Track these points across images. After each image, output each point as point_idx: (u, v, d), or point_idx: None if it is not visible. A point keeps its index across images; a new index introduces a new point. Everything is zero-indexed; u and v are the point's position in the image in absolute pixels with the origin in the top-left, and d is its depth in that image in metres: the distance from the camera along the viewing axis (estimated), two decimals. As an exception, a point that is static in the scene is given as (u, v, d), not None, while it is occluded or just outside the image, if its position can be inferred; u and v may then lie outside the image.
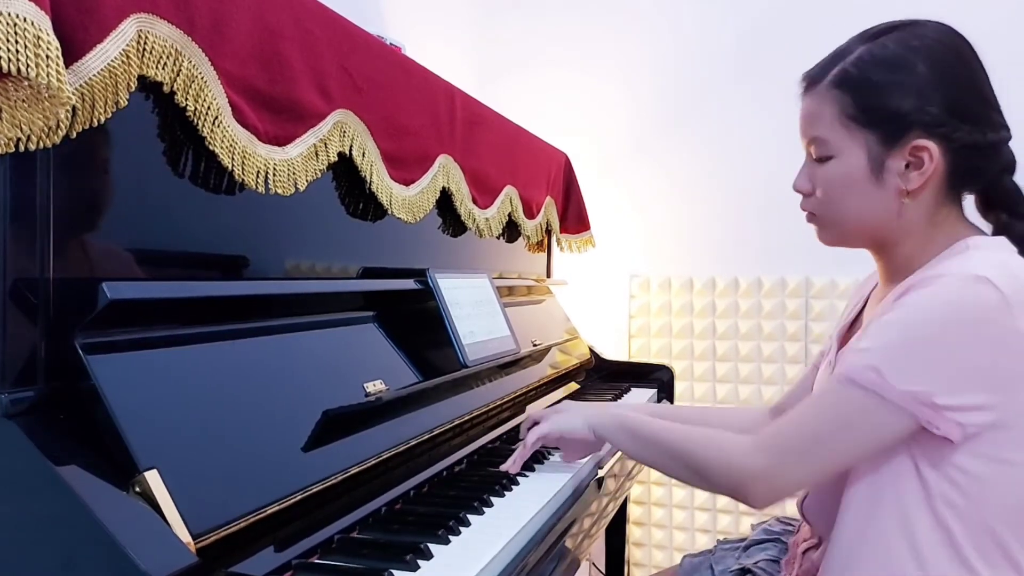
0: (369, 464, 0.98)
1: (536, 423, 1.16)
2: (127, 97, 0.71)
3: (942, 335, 0.82)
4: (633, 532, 2.42)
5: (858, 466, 0.90)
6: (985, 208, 0.95)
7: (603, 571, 2.18)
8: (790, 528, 1.21)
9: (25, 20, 0.57)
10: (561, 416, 1.14)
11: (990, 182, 0.93)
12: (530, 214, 1.87)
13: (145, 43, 0.74)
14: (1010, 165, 0.93)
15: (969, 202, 0.97)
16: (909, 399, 0.81)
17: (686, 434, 1.01)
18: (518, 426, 1.43)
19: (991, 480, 0.84)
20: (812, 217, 0.99)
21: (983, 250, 0.88)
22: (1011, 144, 0.93)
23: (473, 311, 1.42)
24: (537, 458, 1.22)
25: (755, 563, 1.16)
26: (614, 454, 1.33)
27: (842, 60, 0.92)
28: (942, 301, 0.82)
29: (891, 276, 0.98)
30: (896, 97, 0.88)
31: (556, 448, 1.24)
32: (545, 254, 2.20)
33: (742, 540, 1.25)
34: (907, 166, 0.89)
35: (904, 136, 0.88)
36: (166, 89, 0.78)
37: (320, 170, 1.02)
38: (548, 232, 2.13)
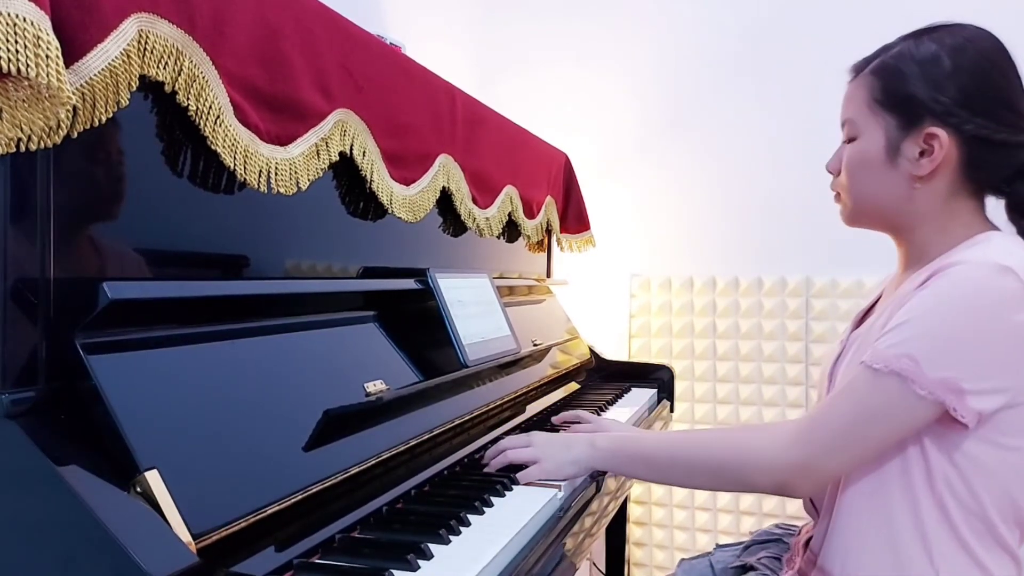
0: (369, 464, 0.98)
1: (506, 450, 1.13)
2: (128, 97, 0.71)
3: (967, 322, 0.85)
4: (633, 532, 2.42)
5: None
6: (1012, 214, 0.97)
7: (603, 571, 2.18)
8: (791, 532, 1.22)
9: (25, 20, 0.57)
10: (553, 464, 1.09)
11: (1011, 185, 0.94)
12: (530, 214, 1.87)
13: (146, 43, 0.74)
14: None
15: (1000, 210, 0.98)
16: (939, 385, 0.84)
17: (706, 442, 1.00)
18: (518, 427, 1.43)
19: (989, 464, 0.88)
20: (836, 196, 1.05)
21: (1005, 242, 0.91)
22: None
23: (473, 311, 1.42)
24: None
25: (758, 559, 1.16)
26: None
27: (885, 53, 0.99)
28: (967, 289, 0.85)
29: (908, 263, 1.01)
30: (915, 85, 0.93)
31: None
32: (545, 254, 2.20)
33: (740, 543, 1.25)
34: (921, 153, 0.93)
35: (919, 122, 0.93)
36: (167, 89, 0.78)
37: (321, 169, 1.02)
38: (548, 232, 2.12)
